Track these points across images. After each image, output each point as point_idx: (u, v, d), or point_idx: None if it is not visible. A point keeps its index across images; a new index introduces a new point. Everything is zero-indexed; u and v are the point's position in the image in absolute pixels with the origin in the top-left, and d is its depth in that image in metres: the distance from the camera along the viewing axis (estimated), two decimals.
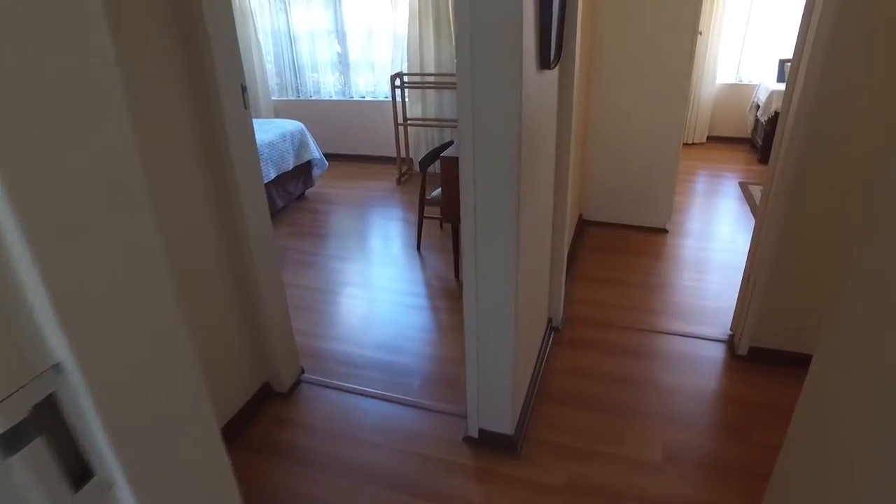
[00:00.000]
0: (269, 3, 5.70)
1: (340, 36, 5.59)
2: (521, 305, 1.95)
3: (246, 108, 2.10)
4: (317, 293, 3.36)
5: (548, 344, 2.76)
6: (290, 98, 6.00)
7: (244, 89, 2.08)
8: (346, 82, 5.75)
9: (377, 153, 5.87)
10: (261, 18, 5.78)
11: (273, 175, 4.45)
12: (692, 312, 3.01)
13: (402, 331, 2.96)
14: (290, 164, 4.67)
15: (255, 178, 2.20)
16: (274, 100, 6.03)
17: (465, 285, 1.90)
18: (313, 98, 5.92)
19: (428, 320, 3.07)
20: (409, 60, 5.23)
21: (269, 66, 5.97)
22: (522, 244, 1.83)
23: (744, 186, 4.81)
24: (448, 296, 3.28)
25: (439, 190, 3.54)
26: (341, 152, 6.00)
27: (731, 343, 2.73)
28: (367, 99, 5.73)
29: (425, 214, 3.79)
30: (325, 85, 5.85)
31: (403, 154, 5.38)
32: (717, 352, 2.71)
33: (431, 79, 5.13)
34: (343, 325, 3.04)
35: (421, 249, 3.85)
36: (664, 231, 3.96)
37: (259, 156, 4.05)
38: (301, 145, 4.81)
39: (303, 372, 2.65)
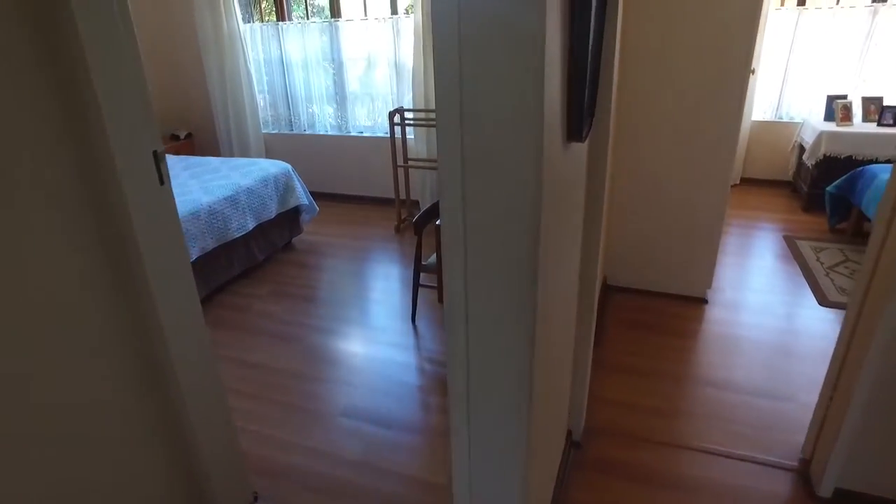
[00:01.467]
0: (262, 28, 5.23)
1: (337, 66, 5.09)
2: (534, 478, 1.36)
3: (163, 183, 1.55)
4: (289, 379, 2.79)
5: (566, 468, 2.16)
6: (284, 132, 5.49)
7: (158, 158, 1.53)
8: (343, 116, 5.24)
9: (375, 194, 5.33)
10: (252, 45, 5.31)
11: (251, 225, 3.91)
12: (746, 420, 2.39)
13: (387, 440, 2.37)
14: (272, 211, 4.13)
15: (180, 271, 1.65)
16: (265, 133, 5.53)
17: (456, 490, 1.31)
18: (307, 132, 5.41)
19: (417, 421, 2.48)
20: (412, 94, 4.71)
21: (261, 97, 5.48)
22: (538, 412, 1.25)
23: (790, 241, 4.20)
24: (441, 387, 2.69)
25: (435, 256, 2.98)
26: (336, 191, 5.48)
27: (804, 474, 2.11)
28: (365, 135, 5.21)
29: (422, 282, 3.22)
30: (321, 118, 5.34)
31: (403, 196, 4.84)
32: (785, 486, 2.09)
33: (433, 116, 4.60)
34: (315, 428, 2.46)
35: (416, 321, 3.27)
36: (703, 301, 3.35)
37: (218, 217, 3.58)
38: (286, 190, 4.28)
39: (255, 500, 2.08)
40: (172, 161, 4.56)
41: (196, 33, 5.22)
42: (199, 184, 3.94)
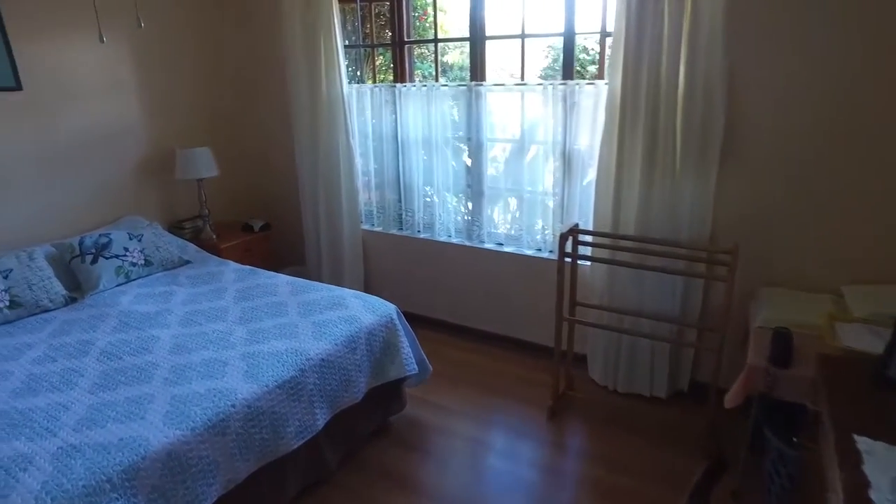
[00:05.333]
0: (372, 91, 3.76)
1: (474, 146, 3.50)
2: None
3: None
4: None
5: None
6: (390, 231, 3.95)
7: None
8: (476, 218, 3.61)
9: (521, 335, 3.60)
10: (357, 111, 3.86)
11: (322, 422, 2.32)
12: None
13: None
14: (360, 391, 2.51)
15: None
16: (364, 230, 4.01)
17: None
18: (422, 236, 3.82)
19: None
20: (595, 203, 3.01)
21: (364, 181, 3.99)
22: None
23: None
24: None
25: None
26: (459, 322, 3.81)
27: None
28: (505, 250, 3.53)
29: None
30: (444, 217, 3.75)
31: (564, 346, 3.07)
32: None
33: (630, 245, 2.84)
34: None
35: None
36: None
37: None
38: (386, 352, 2.66)
39: None
40: (228, 273, 3.11)
41: (288, 90, 3.85)
42: (244, 346, 2.39)
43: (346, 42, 3.84)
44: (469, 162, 3.60)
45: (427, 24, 4.25)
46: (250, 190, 4.47)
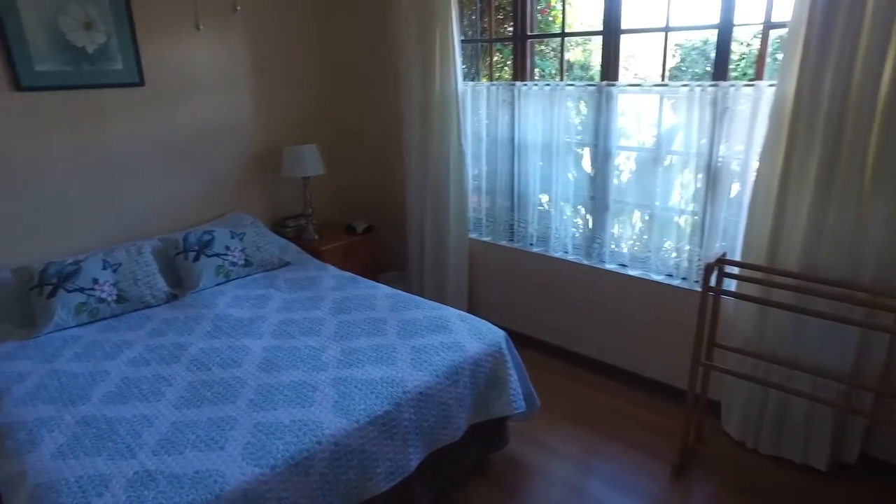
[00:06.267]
0: (488, 90, 3.46)
1: (600, 154, 3.10)
2: None
3: None
4: None
5: None
6: (499, 242, 3.64)
7: None
8: (598, 234, 3.21)
9: (646, 373, 3.16)
10: (472, 111, 3.58)
11: (415, 462, 2.06)
12: None
13: None
14: (459, 429, 2.23)
15: None
16: (472, 238, 3.73)
17: None
18: (535, 250, 3.47)
19: None
20: (747, 227, 2.54)
21: (474, 186, 3.71)
22: None
23: None
24: None
25: None
26: (574, 349, 3.43)
27: None
28: (629, 273, 3.11)
29: None
30: (560, 231, 3.38)
31: (697, 389, 2.61)
32: None
33: (791, 283, 2.33)
34: None
35: None
36: None
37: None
38: (491, 385, 2.36)
39: None
40: (327, 280, 2.95)
41: (398, 86, 3.64)
42: (337, 368, 2.17)
43: (462, 37, 3.56)
44: (592, 170, 3.20)
45: (549, 19, 3.91)
46: (354, 190, 4.33)
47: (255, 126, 3.73)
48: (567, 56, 3.72)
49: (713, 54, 2.69)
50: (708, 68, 2.82)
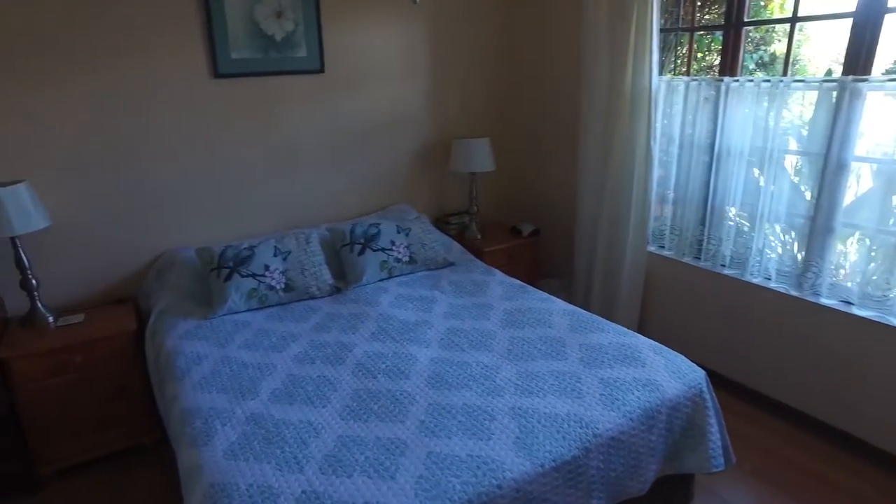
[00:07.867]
0: (688, 86, 3.03)
1: (832, 167, 2.56)
2: None
3: None
4: None
5: None
6: (685, 259, 3.19)
7: None
8: (816, 262, 2.67)
9: (874, 440, 2.55)
10: (663, 109, 3.16)
11: None
12: None
13: None
14: (646, 483, 1.89)
15: None
16: (651, 252, 3.32)
17: None
18: (730, 273, 2.99)
19: None
20: None
21: (657, 194, 3.29)
22: None
23: None
24: None
25: None
26: (773, 396, 2.90)
27: None
28: (859, 314, 2.54)
29: None
30: (763, 255, 2.87)
31: None
32: None
33: None
34: None
35: None
36: None
37: None
38: (687, 434, 1.99)
39: None
40: (494, 286, 2.74)
41: (581, 78, 3.32)
42: (514, 395, 1.93)
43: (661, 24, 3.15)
44: (815, 185, 2.66)
45: (762, 3, 3.37)
46: (521, 190, 4.07)
47: (426, 118, 3.61)
48: (771, 48, 3.19)
49: None
50: None
